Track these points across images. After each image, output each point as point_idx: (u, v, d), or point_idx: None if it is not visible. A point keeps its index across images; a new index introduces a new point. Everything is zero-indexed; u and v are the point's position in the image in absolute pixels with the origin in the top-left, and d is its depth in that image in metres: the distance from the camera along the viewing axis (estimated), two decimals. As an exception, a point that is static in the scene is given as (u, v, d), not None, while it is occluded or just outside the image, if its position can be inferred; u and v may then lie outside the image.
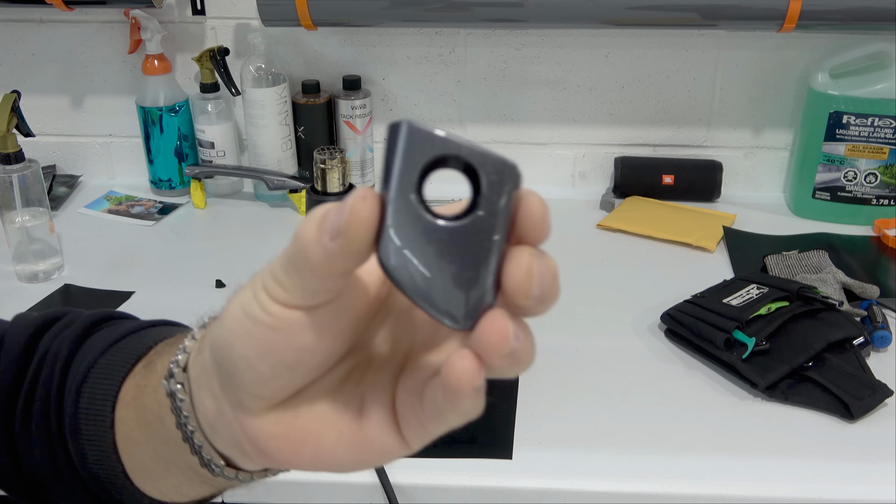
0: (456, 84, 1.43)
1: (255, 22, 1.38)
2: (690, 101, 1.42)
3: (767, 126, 1.43)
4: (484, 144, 1.59)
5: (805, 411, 0.91)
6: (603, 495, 0.82)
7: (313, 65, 1.43)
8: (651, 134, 1.45)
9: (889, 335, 1.01)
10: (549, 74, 1.41)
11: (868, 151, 1.30)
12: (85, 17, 1.40)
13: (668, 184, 1.42)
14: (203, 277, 1.18)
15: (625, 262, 1.24)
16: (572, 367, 0.99)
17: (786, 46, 1.36)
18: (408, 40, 1.40)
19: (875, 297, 1.10)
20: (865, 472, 0.83)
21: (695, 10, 1.23)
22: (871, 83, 1.27)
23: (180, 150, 1.44)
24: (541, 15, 1.25)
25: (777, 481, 0.82)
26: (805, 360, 0.95)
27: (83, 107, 1.48)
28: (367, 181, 1.46)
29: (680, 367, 1.00)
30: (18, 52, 1.44)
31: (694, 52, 1.38)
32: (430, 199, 0.32)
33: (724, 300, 1.02)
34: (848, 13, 1.21)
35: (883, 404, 0.91)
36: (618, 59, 1.40)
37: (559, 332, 1.06)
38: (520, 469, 0.84)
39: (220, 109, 1.40)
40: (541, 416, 0.91)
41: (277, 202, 1.43)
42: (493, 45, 1.40)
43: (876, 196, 1.33)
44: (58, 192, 1.46)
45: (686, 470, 0.83)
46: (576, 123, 1.45)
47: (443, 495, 0.82)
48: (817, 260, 1.18)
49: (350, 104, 1.40)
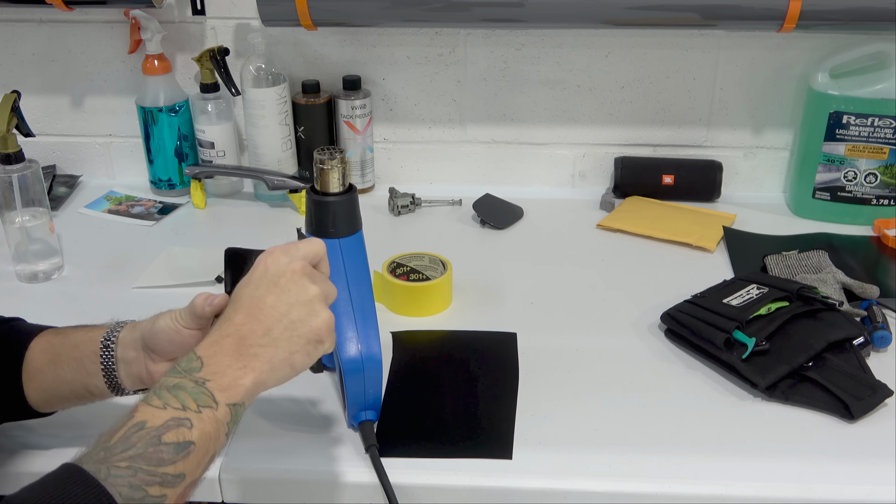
0: (456, 84, 1.43)
1: (255, 22, 1.38)
2: (690, 101, 1.42)
3: (767, 126, 1.43)
4: (484, 144, 1.59)
5: (805, 411, 0.91)
6: (603, 495, 0.82)
7: (313, 65, 1.43)
8: (651, 134, 1.45)
9: (889, 335, 1.01)
10: (549, 74, 1.41)
11: (868, 151, 1.30)
12: (85, 17, 1.40)
13: (668, 184, 1.42)
14: (203, 277, 1.18)
15: (625, 262, 1.24)
16: (572, 367, 0.99)
17: (786, 46, 1.36)
18: (408, 40, 1.40)
19: (875, 297, 1.10)
20: (865, 472, 0.83)
21: (695, 10, 1.23)
22: (871, 83, 1.27)
23: (180, 150, 1.44)
24: (541, 15, 1.25)
25: (777, 481, 0.82)
26: (805, 360, 0.95)
27: (83, 107, 1.48)
28: (367, 181, 1.47)
29: (680, 367, 1.00)
30: (18, 52, 1.44)
31: (694, 52, 1.38)
32: (431, 199, 0.32)
33: (724, 300, 1.02)
34: (848, 13, 1.21)
35: (883, 404, 0.91)
36: (618, 59, 1.40)
37: (559, 332, 1.06)
38: (519, 469, 0.84)
39: (220, 109, 1.40)
40: (541, 415, 0.91)
41: (277, 202, 1.43)
42: (493, 45, 1.40)
43: (876, 196, 1.33)
44: (58, 192, 1.46)
45: (686, 470, 0.83)
46: (576, 123, 1.45)
47: (443, 495, 0.83)
48: (817, 260, 1.18)
49: (350, 104, 1.40)
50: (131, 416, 0.62)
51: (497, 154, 1.48)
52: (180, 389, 0.63)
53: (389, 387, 0.95)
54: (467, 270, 1.18)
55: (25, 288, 1.18)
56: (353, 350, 0.84)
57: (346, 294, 0.85)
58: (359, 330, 0.85)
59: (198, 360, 0.65)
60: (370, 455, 0.83)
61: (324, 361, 0.98)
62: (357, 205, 0.87)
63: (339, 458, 0.85)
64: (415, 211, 1.40)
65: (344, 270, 0.86)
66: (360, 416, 0.87)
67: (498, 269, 1.22)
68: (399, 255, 1.15)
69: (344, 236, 0.86)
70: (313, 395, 0.95)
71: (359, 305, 0.86)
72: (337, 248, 0.86)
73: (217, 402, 0.63)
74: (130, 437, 0.60)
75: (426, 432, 0.88)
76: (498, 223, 1.35)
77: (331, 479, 0.83)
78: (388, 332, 1.06)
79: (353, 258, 0.86)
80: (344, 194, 0.86)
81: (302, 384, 0.96)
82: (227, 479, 0.84)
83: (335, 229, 0.86)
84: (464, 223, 1.37)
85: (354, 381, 0.85)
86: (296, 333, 0.67)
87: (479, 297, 1.14)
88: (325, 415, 0.91)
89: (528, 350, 1.02)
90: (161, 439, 0.60)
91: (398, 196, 1.40)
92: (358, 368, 0.84)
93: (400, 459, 0.84)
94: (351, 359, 0.84)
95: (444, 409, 0.91)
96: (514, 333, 1.05)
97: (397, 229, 1.35)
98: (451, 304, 1.13)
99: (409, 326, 1.07)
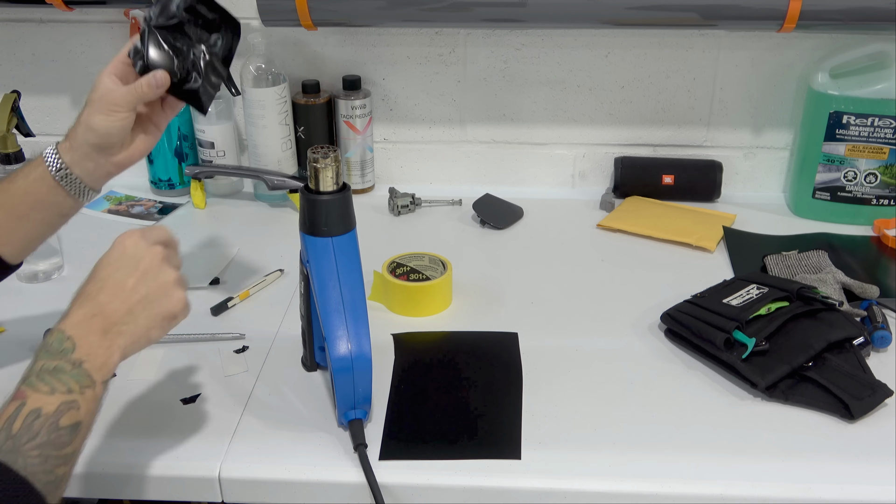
0: (456, 84, 1.43)
1: (255, 22, 1.38)
2: (690, 101, 1.42)
3: (767, 126, 1.43)
4: (484, 144, 1.59)
5: (805, 411, 0.91)
6: (603, 495, 0.82)
7: (313, 65, 1.43)
8: (651, 134, 1.45)
9: (889, 335, 1.01)
10: (549, 74, 1.41)
11: (868, 151, 1.30)
12: (85, 17, 1.40)
13: (668, 184, 1.42)
14: (203, 277, 1.18)
15: (625, 262, 1.24)
16: (572, 367, 0.99)
17: (786, 46, 1.36)
18: (408, 40, 1.40)
19: (875, 297, 1.10)
20: (865, 472, 0.83)
21: (695, 10, 1.23)
22: (871, 83, 1.27)
23: (180, 150, 1.44)
24: (541, 15, 1.25)
25: (777, 481, 0.82)
26: (805, 360, 0.95)
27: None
28: (367, 181, 1.47)
29: (680, 367, 1.00)
30: (18, 52, 1.44)
31: (694, 52, 1.38)
32: (431, 199, 0.32)
33: (724, 300, 1.02)
34: (848, 13, 1.21)
35: (883, 404, 0.91)
36: (618, 59, 1.40)
37: (559, 332, 1.06)
38: (520, 469, 0.84)
39: (220, 109, 1.40)
40: (541, 415, 0.91)
41: (277, 202, 1.43)
42: (493, 45, 1.40)
43: (876, 196, 1.33)
44: (58, 192, 1.46)
45: (686, 470, 0.83)
46: (576, 123, 1.45)
47: (444, 495, 0.83)
48: (817, 260, 1.18)
49: (350, 104, 1.40)
50: (21, 400, 0.67)
51: (497, 154, 1.48)
52: (61, 373, 0.69)
53: (393, 390, 0.95)
54: (467, 270, 1.18)
55: (25, 288, 1.18)
56: (342, 349, 0.84)
57: (338, 293, 0.85)
58: (349, 329, 0.85)
59: (69, 341, 0.70)
60: (358, 454, 0.83)
61: (317, 360, 0.98)
62: (351, 204, 0.87)
63: (338, 458, 0.85)
64: (415, 211, 1.40)
65: (336, 269, 0.86)
66: (350, 414, 0.87)
67: (498, 269, 1.22)
68: (399, 255, 1.15)
69: (337, 235, 0.86)
70: (312, 394, 0.95)
71: (350, 304, 0.85)
72: (329, 247, 0.86)
73: (94, 381, 0.70)
74: (32, 426, 0.65)
75: (433, 435, 0.88)
76: (498, 223, 1.35)
77: (329, 479, 0.83)
78: (388, 333, 1.06)
79: (346, 257, 0.86)
80: (337, 193, 0.86)
81: (298, 383, 0.96)
82: (226, 478, 0.84)
83: (328, 228, 0.86)
84: (464, 223, 1.37)
85: (344, 379, 0.85)
86: (154, 312, 0.75)
87: (478, 297, 1.14)
88: (325, 415, 0.91)
89: (527, 350, 1.02)
90: (58, 424, 0.66)
91: (398, 196, 1.40)
92: (347, 367, 0.84)
93: (401, 460, 0.84)
94: (340, 357, 0.84)
95: (449, 411, 0.91)
96: (515, 333, 1.05)
97: (397, 229, 1.35)
98: (451, 305, 1.13)
99: (409, 327, 1.07)
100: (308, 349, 0.98)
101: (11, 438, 0.64)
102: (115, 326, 0.73)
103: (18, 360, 1.00)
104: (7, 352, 1.02)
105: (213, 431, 0.89)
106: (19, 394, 0.67)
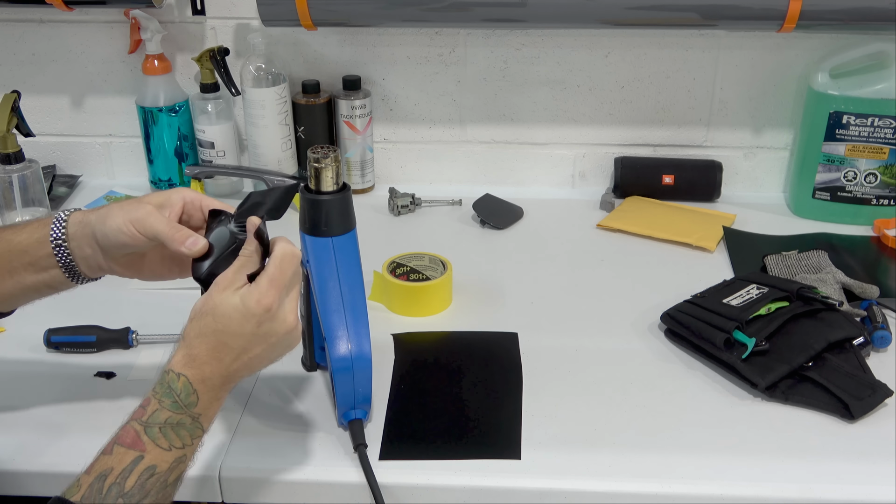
0: (456, 84, 1.43)
1: (255, 22, 1.38)
2: (690, 101, 1.42)
3: (767, 126, 1.43)
4: (484, 144, 1.59)
5: (805, 411, 0.91)
6: (603, 495, 0.82)
7: (313, 65, 1.43)
8: (651, 134, 1.45)
9: (889, 335, 1.01)
10: (549, 74, 1.41)
11: (868, 151, 1.30)
12: (85, 17, 1.40)
13: (668, 184, 1.42)
14: (203, 277, 1.18)
15: (625, 262, 1.24)
16: (572, 367, 0.99)
17: (786, 46, 1.36)
18: (408, 40, 1.40)
19: (875, 297, 1.10)
20: (865, 472, 0.83)
21: (695, 10, 1.23)
22: (871, 83, 1.27)
23: (180, 150, 1.44)
24: (541, 15, 1.25)
25: (777, 481, 0.82)
26: (805, 360, 0.95)
27: (83, 107, 1.48)
28: (367, 181, 1.47)
29: (680, 367, 1.00)
30: (18, 52, 1.44)
31: (694, 52, 1.38)
32: (431, 199, 0.33)
33: (724, 300, 1.02)
34: (848, 13, 1.21)
35: (883, 404, 0.91)
36: (618, 59, 1.40)
37: (559, 333, 1.06)
38: (520, 469, 0.84)
39: (220, 109, 1.40)
40: (541, 416, 0.91)
41: (277, 202, 1.43)
42: (493, 45, 1.40)
43: (876, 196, 1.33)
44: (58, 192, 1.46)
45: (686, 470, 0.83)
46: (576, 123, 1.45)
47: (444, 495, 0.83)
48: (817, 260, 1.18)
49: (350, 104, 1.40)
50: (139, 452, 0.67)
51: (497, 154, 1.48)
52: (182, 427, 0.70)
53: (393, 390, 0.95)
54: (467, 270, 1.18)
55: (25, 288, 1.17)
56: (343, 349, 0.84)
57: (338, 293, 0.85)
58: (349, 329, 0.85)
59: (194, 395, 0.71)
60: (358, 454, 0.83)
61: (318, 360, 0.98)
62: (351, 204, 0.87)
63: (338, 458, 0.85)
64: (415, 211, 1.40)
65: (336, 269, 0.86)
66: (350, 414, 0.87)
67: (498, 269, 1.22)
68: (399, 255, 1.15)
69: (337, 235, 0.86)
70: (312, 394, 0.95)
71: (350, 304, 0.85)
72: (329, 247, 0.86)
73: (205, 431, 0.73)
74: (145, 485, 0.67)
75: (433, 435, 0.88)
76: (498, 223, 1.35)
77: (329, 479, 0.83)
78: (388, 333, 1.06)
79: (346, 257, 0.86)
80: (337, 193, 0.86)
81: (298, 383, 0.96)
82: (226, 478, 0.84)
83: (328, 228, 0.86)
84: (464, 223, 1.37)
85: (344, 379, 0.85)
86: (270, 359, 0.76)
87: (478, 298, 1.14)
88: (325, 415, 0.91)
89: (527, 350, 1.02)
90: (167, 482, 0.69)
91: (398, 196, 1.40)
92: (347, 367, 0.84)
93: (402, 460, 0.84)
94: (340, 357, 0.84)
95: (449, 411, 0.91)
96: (515, 333, 1.05)
97: (397, 229, 1.35)
98: (450, 305, 1.13)
99: (409, 327, 1.07)
100: (308, 349, 0.98)
101: (123, 496, 0.65)
102: (233, 381, 0.75)
103: (18, 360, 1.00)
104: (7, 352, 1.02)
105: (213, 431, 0.88)
106: (139, 444, 0.68)
